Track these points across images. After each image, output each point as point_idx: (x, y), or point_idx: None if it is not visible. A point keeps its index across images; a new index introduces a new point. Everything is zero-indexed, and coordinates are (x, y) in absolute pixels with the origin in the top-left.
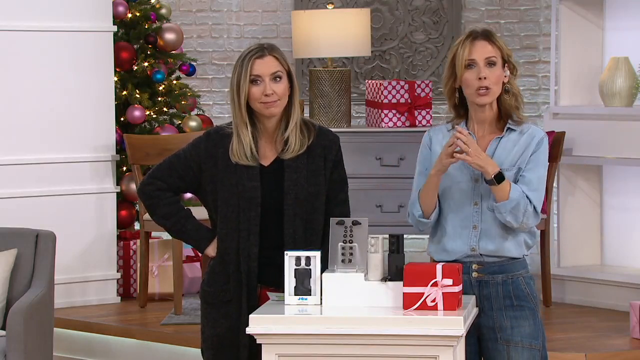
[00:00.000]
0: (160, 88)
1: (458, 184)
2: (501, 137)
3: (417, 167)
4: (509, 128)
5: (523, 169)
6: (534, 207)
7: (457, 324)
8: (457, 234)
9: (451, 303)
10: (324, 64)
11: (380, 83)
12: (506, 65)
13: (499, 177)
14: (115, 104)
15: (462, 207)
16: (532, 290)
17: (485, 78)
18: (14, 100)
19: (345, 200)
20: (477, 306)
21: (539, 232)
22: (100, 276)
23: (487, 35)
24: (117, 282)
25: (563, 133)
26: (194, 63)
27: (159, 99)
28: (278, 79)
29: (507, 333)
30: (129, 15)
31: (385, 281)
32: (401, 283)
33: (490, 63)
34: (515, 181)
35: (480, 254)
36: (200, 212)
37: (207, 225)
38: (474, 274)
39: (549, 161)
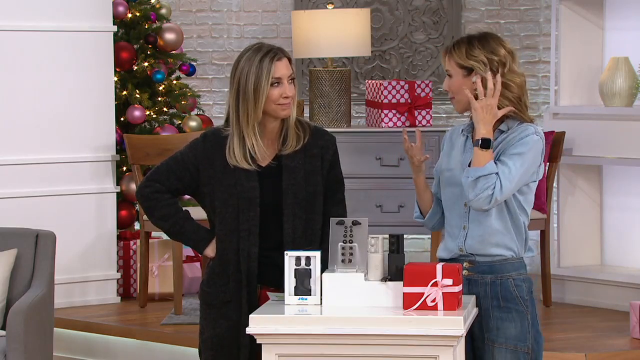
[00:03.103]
0: (160, 88)
1: (453, 186)
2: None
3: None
4: (499, 130)
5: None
6: (494, 192)
7: (457, 324)
8: (452, 234)
9: (451, 303)
10: (324, 64)
11: (380, 83)
12: (474, 73)
13: (485, 144)
14: (115, 104)
15: (455, 208)
16: (522, 292)
17: (445, 90)
18: (14, 100)
19: (342, 200)
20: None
21: (528, 231)
22: (100, 276)
23: (448, 48)
24: (117, 282)
25: (563, 133)
26: (194, 63)
27: (159, 99)
28: (292, 80)
29: (493, 334)
30: (129, 15)
31: (385, 281)
32: (401, 283)
33: (448, 74)
34: None
35: (469, 253)
36: (198, 213)
37: (205, 226)
38: (464, 272)
39: (549, 161)
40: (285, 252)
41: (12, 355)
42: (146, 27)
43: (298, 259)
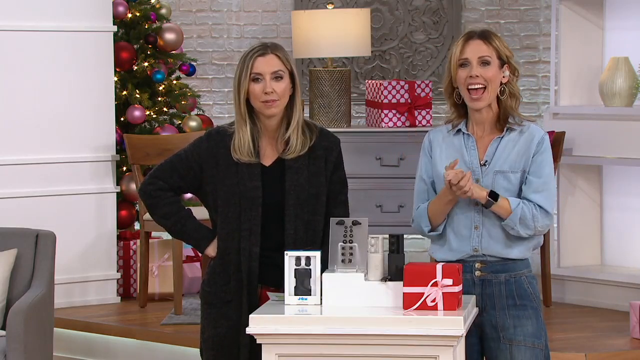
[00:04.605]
0: (160, 88)
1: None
2: (501, 137)
3: (417, 171)
4: (509, 128)
5: (527, 171)
6: (540, 208)
7: (457, 324)
8: (460, 235)
9: (451, 303)
10: (324, 64)
11: (380, 83)
12: (505, 66)
13: (494, 196)
14: (115, 104)
15: (464, 208)
16: (535, 289)
17: (476, 76)
18: (14, 100)
19: (344, 201)
20: (478, 305)
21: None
22: (100, 276)
23: (483, 35)
24: (117, 282)
25: (563, 133)
26: (194, 63)
27: (159, 99)
28: (279, 78)
29: (510, 332)
30: (129, 15)
31: (385, 281)
32: (401, 283)
33: (484, 62)
34: (522, 183)
35: (483, 254)
36: (200, 212)
37: (207, 225)
38: (477, 273)
39: None
40: (285, 252)
41: (12, 355)
42: (146, 27)
43: (298, 259)
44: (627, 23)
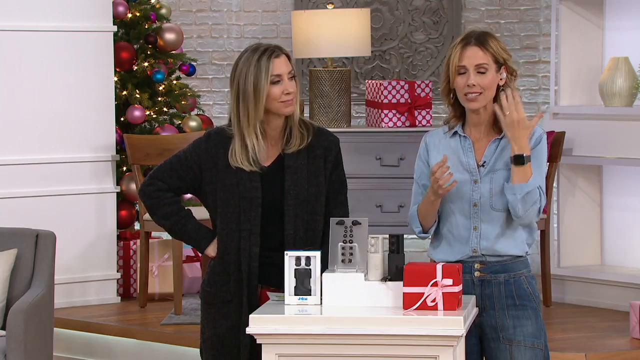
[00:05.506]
0: (160, 88)
1: (458, 186)
2: (500, 138)
3: (414, 175)
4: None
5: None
6: (540, 205)
7: (457, 324)
8: (459, 236)
9: (451, 303)
10: (324, 64)
11: (380, 83)
12: (503, 68)
13: (518, 160)
14: (115, 104)
15: (462, 209)
16: (534, 289)
17: (473, 85)
18: (14, 100)
19: (344, 201)
20: (477, 306)
21: (538, 230)
22: (100, 276)
23: (480, 41)
24: (117, 282)
25: (563, 133)
26: (194, 63)
27: (159, 99)
28: (293, 77)
29: (510, 332)
30: (129, 15)
31: (385, 281)
32: (401, 283)
33: (481, 70)
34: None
35: (482, 254)
36: (200, 212)
37: (207, 225)
38: (476, 274)
39: (548, 161)
40: (285, 252)
41: (12, 355)
42: (146, 27)
43: (298, 259)
44: (627, 23)
